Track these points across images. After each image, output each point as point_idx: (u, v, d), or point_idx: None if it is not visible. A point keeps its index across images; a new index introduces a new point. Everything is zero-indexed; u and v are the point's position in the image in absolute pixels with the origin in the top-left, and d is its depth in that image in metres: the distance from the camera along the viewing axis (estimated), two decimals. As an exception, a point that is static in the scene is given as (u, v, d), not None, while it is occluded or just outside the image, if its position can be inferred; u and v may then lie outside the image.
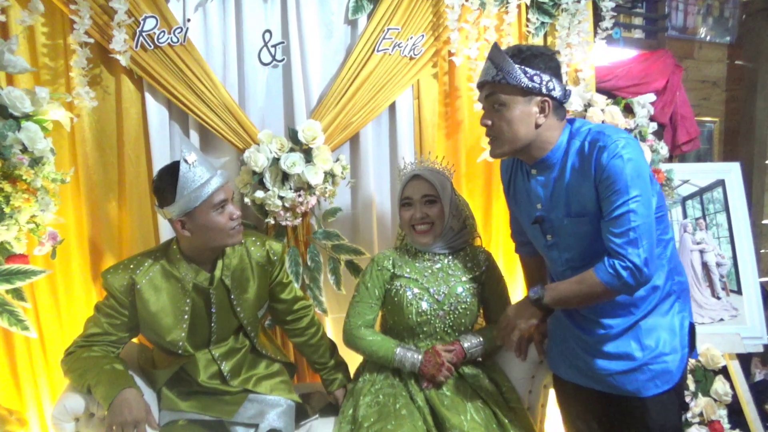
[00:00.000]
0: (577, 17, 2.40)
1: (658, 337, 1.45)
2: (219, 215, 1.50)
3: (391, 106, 2.23)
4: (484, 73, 1.43)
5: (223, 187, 1.52)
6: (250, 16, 2.02)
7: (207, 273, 1.60)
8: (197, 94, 1.94)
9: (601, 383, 1.50)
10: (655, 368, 1.44)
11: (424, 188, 1.73)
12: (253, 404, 1.61)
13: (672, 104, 2.80)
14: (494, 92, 1.41)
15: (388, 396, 1.65)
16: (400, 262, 1.77)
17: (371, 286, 1.75)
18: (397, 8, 2.12)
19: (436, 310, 1.71)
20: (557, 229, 1.47)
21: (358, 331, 1.73)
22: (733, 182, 2.54)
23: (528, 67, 1.37)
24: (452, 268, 1.76)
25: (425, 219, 1.72)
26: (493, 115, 1.44)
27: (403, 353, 1.68)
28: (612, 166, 1.32)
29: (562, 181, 1.43)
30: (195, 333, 1.60)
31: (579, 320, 1.51)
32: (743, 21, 3.20)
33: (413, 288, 1.72)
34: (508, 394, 1.71)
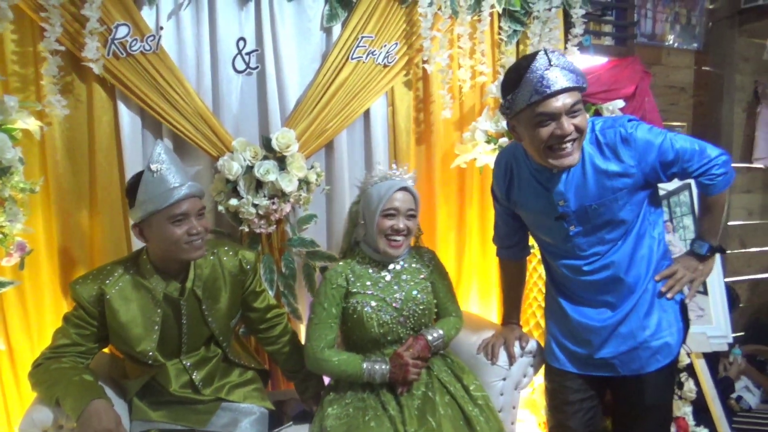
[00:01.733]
0: (548, 25, 2.45)
1: (657, 315, 1.59)
2: (176, 227, 1.48)
3: (366, 113, 2.25)
4: (560, 80, 1.36)
5: (188, 200, 1.50)
6: (224, 24, 2.02)
7: (178, 283, 1.59)
8: (170, 102, 1.93)
9: (604, 368, 1.62)
10: (655, 344, 1.58)
11: (410, 202, 1.72)
12: (226, 413, 1.61)
13: (641, 109, 2.86)
14: (577, 98, 1.41)
15: (357, 409, 1.65)
16: (352, 277, 1.74)
17: (328, 305, 1.71)
18: (371, 16, 2.14)
19: (397, 317, 1.72)
20: (583, 218, 1.54)
21: (322, 354, 1.68)
22: (700, 186, 2.60)
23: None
24: (403, 273, 1.78)
25: (404, 231, 1.70)
26: (573, 119, 1.40)
27: (371, 366, 1.66)
28: (642, 138, 1.47)
29: (584, 173, 1.50)
30: (166, 343, 1.59)
31: (584, 309, 1.63)
32: (710, 28, 3.29)
33: (370, 302, 1.71)
34: (476, 391, 1.74)
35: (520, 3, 2.38)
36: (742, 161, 3.52)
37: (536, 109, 1.38)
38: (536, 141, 1.42)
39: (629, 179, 1.49)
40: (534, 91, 1.36)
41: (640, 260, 1.57)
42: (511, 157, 1.65)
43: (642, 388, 1.60)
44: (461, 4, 2.26)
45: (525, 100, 1.38)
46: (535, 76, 1.35)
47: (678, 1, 3.19)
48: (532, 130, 1.41)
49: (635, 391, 1.61)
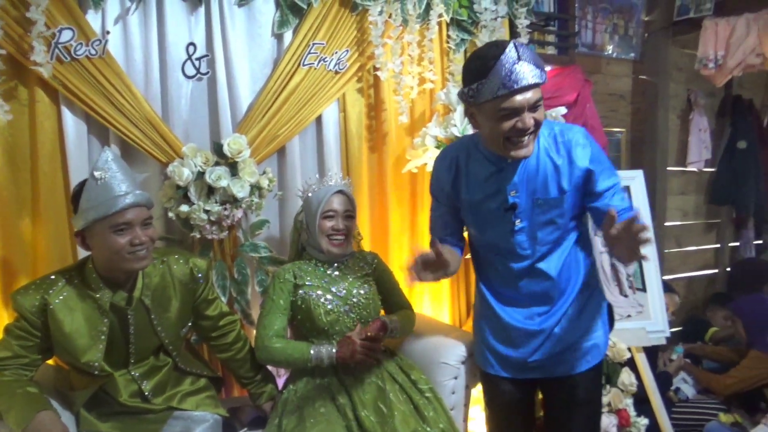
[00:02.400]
0: (495, 34, 2.53)
1: (586, 317, 1.66)
2: (118, 236, 1.45)
3: (318, 119, 2.27)
4: (528, 75, 1.36)
5: (133, 209, 1.47)
6: (173, 29, 2.00)
7: (125, 292, 1.56)
8: (117, 107, 1.90)
9: (537, 370, 1.67)
10: (586, 346, 1.65)
11: (346, 203, 1.88)
12: (179, 421, 1.59)
13: (583, 116, 2.99)
14: (539, 93, 1.43)
15: (308, 399, 1.71)
16: (300, 273, 1.86)
17: (276, 297, 1.82)
18: (322, 24, 2.17)
19: (342, 306, 1.82)
20: (530, 212, 1.57)
21: (270, 341, 1.76)
22: (637, 188, 2.75)
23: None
24: (346, 271, 1.90)
25: (343, 231, 1.85)
26: (533, 113, 1.42)
27: (318, 348, 1.74)
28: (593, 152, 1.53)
29: (536, 167, 1.54)
30: (113, 353, 1.56)
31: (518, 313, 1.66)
32: (646, 39, 3.46)
33: (317, 291, 1.82)
34: (422, 384, 1.81)
35: (467, 13, 2.46)
36: (677, 165, 3.72)
37: (501, 103, 1.38)
38: (496, 132, 1.44)
39: (574, 182, 1.55)
40: (501, 84, 1.35)
41: (574, 264, 1.64)
42: (458, 152, 1.65)
43: (573, 386, 1.66)
44: (411, 13, 2.31)
45: (491, 92, 1.37)
46: (503, 69, 1.34)
47: (616, 13, 3.35)
48: (493, 122, 1.43)
49: (566, 390, 1.67)
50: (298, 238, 1.97)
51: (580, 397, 1.67)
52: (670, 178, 3.63)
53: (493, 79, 1.36)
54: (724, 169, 3.88)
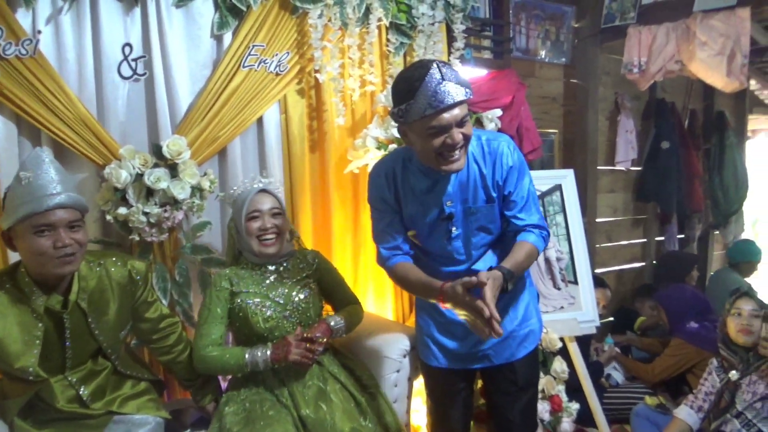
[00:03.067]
0: (432, 38, 2.62)
1: (523, 305, 1.77)
2: (40, 238, 1.42)
3: (259, 121, 2.29)
4: (453, 94, 1.41)
5: (58, 210, 1.43)
6: (108, 29, 1.97)
7: (60, 296, 1.52)
8: (50, 108, 1.86)
9: (480, 360, 1.76)
10: (523, 333, 1.76)
11: (271, 202, 1.85)
12: (119, 425, 1.58)
13: (518, 118, 3.12)
14: (465, 109, 1.47)
15: (254, 402, 1.72)
16: (236, 280, 1.84)
17: (213, 306, 1.80)
18: (262, 26, 2.19)
19: (281, 312, 1.81)
20: (463, 220, 1.64)
21: (205, 351, 1.75)
22: (569, 186, 2.89)
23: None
24: (285, 274, 1.89)
25: (273, 229, 1.82)
26: (461, 129, 1.48)
27: (252, 353, 1.73)
28: (515, 160, 1.61)
29: (466, 176, 1.61)
30: (48, 358, 1.52)
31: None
32: (576, 45, 3.64)
33: (254, 299, 1.81)
34: (367, 380, 1.87)
35: (405, 17, 2.53)
36: (606, 164, 3.93)
37: (429, 122, 1.43)
38: (427, 149, 1.49)
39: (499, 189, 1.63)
40: (428, 105, 1.40)
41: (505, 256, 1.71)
42: (393, 165, 1.68)
43: (513, 372, 1.76)
44: (350, 17, 2.36)
45: (419, 113, 1.42)
46: (428, 90, 1.40)
47: (548, 20, 3.51)
48: (424, 139, 1.48)
49: (508, 376, 1.77)
50: (234, 244, 1.93)
51: (521, 383, 1.77)
52: (600, 176, 3.83)
53: (420, 99, 1.41)
54: (649, 168, 4.12)
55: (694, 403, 2.30)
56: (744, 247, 4.07)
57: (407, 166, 1.66)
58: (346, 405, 1.75)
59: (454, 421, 1.84)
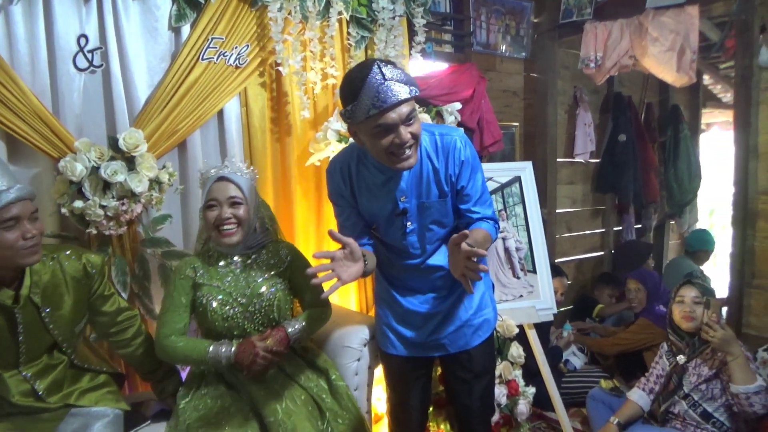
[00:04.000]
0: (393, 32, 2.65)
1: (477, 296, 1.81)
2: (7, 232, 1.43)
3: (220, 113, 2.29)
4: (396, 92, 1.42)
5: (18, 203, 1.44)
6: (62, 20, 1.95)
7: (11, 291, 1.51)
8: (2, 101, 1.82)
9: (436, 348, 1.82)
10: (477, 322, 1.81)
11: (231, 190, 1.75)
12: (76, 418, 1.58)
13: (479, 111, 3.18)
14: (412, 107, 1.48)
15: (214, 398, 1.71)
16: (201, 270, 1.79)
17: (176, 295, 1.76)
18: (221, 18, 2.18)
19: (243, 312, 1.76)
20: (417, 215, 1.68)
21: (167, 340, 1.72)
22: (527, 178, 2.96)
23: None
24: (254, 268, 1.81)
25: (231, 220, 1.73)
26: (409, 127, 1.49)
27: (216, 349, 1.69)
28: (467, 155, 1.63)
29: (420, 172, 1.63)
30: (1, 354, 1.52)
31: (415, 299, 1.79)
32: (535, 39, 3.71)
33: (217, 295, 1.75)
34: (337, 381, 1.84)
35: (366, 11, 2.56)
36: (565, 157, 4.03)
37: (375, 122, 1.44)
38: (377, 148, 1.50)
39: (451, 184, 1.66)
40: (372, 105, 1.41)
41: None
42: (348, 161, 1.69)
43: (469, 360, 1.82)
44: (310, 10, 2.37)
45: (364, 113, 1.43)
46: (371, 90, 1.41)
47: (508, 15, 3.58)
48: (372, 139, 1.48)
49: (464, 364, 1.83)
50: (203, 230, 1.86)
51: (477, 369, 1.83)
52: (560, 168, 3.92)
53: (364, 100, 1.42)
54: (607, 160, 4.24)
55: (645, 386, 2.40)
56: (700, 235, 4.23)
57: (362, 161, 1.67)
58: (304, 409, 1.71)
59: (413, 407, 1.90)
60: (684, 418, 2.21)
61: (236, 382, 1.76)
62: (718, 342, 2.11)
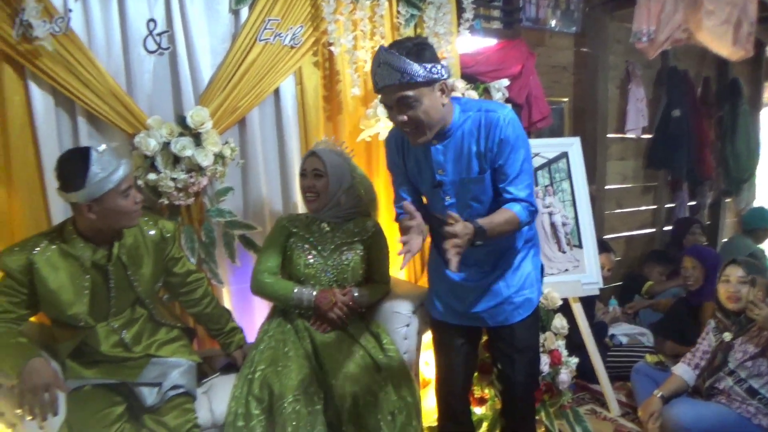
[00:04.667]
0: (442, 10, 2.68)
1: (521, 275, 1.83)
2: (125, 200, 1.66)
3: (276, 91, 2.40)
4: (386, 77, 1.51)
5: (128, 176, 1.67)
6: (133, 6, 2.09)
7: (104, 251, 1.72)
8: (83, 81, 1.99)
9: (476, 320, 1.87)
10: (518, 300, 1.83)
11: (315, 163, 2.03)
12: (156, 366, 1.76)
13: (527, 87, 3.20)
14: (403, 92, 1.54)
15: (278, 341, 1.92)
16: (296, 223, 2.10)
17: (274, 237, 2.09)
18: (277, 0, 2.29)
19: (322, 264, 2.04)
20: (456, 190, 1.72)
21: (260, 275, 2.03)
22: (575, 154, 2.97)
23: (423, 61, 1.52)
24: (340, 232, 2.08)
25: (312, 189, 2.02)
26: (408, 110, 1.56)
27: (300, 290, 1.99)
28: (507, 133, 1.62)
29: (461, 148, 1.67)
30: (95, 306, 1.71)
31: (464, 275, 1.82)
32: (586, 13, 3.65)
33: (304, 244, 2.05)
34: (388, 345, 2.00)
35: (415, -11, 2.60)
36: (617, 132, 3.98)
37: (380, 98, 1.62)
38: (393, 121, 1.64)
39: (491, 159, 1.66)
40: (374, 83, 1.57)
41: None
42: (400, 133, 1.74)
43: (511, 335, 1.85)
44: (361, -10, 2.45)
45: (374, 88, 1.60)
46: (373, 70, 1.55)
47: (558, -11, 3.54)
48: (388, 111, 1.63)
49: (505, 338, 1.87)
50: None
51: (518, 345, 1.86)
52: (610, 144, 3.88)
53: (372, 77, 1.57)
54: (660, 136, 4.15)
55: (691, 361, 2.41)
56: (759, 213, 4.12)
57: None
58: (362, 362, 1.89)
59: (457, 372, 1.96)
60: (729, 393, 2.22)
61: (303, 329, 1.96)
62: (763, 320, 2.11)
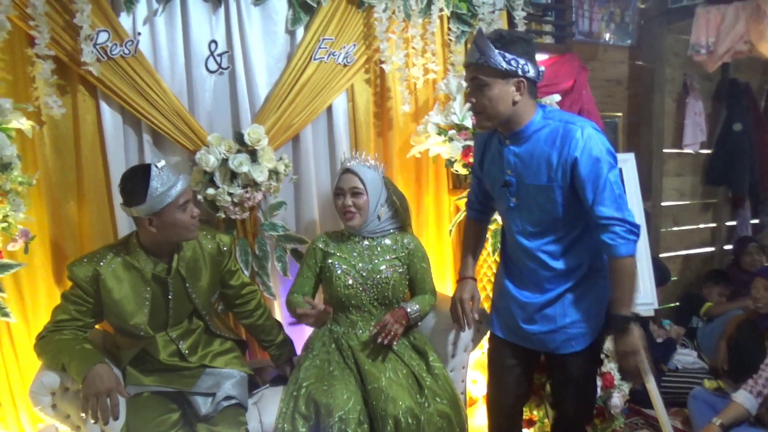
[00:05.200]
0: (493, 26, 2.69)
1: (581, 306, 1.71)
2: (183, 213, 1.72)
3: (328, 108, 2.46)
4: (470, 55, 1.60)
5: (186, 190, 1.73)
6: (196, 28, 2.20)
7: (165, 264, 1.79)
8: (149, 101, 2.11)
9: (530, 341, 1.79)
10: (571, 332, 1.73)
11: (352, 181, 2.00)
12: (210, 376, 1.83)
13: (579, 102, 3.15)
14: (477, 74, 1.58)
15: (323, 361, 1.93)
16: (332, 243, 2.07)
17: (308, 260, 2.08)
18: (331, 20, 2.35)
19: (362, 284, 2.00)
20: (521, 193, 1.69)
21: (291, 296, 2.05)
22: (629, 170, 2.89)
23: (507, 52, 1.54)
24: (378, 249, 2.05)
25: (351, 207, 1.99)
26: (477, 93, 1.60)
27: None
28: (584, 147, 1.55)
29: (533, 153, 1.63)
30: (155, 317, 1.79)
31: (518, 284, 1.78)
32: (642, 26, 3.58)
33: (342, 265, 2.01)
34: (434, 362, 1.96)
35: (466, 6, 2.62)
36: (673, 147, 3.86)
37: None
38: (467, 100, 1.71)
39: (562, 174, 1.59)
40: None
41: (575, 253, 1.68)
42: (489, 134, 1.79)
43: (563, 365, 1.78)
44: (413, 8, 2.48)
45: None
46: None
47: (612, 2, 3.48)
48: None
49: (558, 366, 1.82)
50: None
51: (570, 376, 1.78)
52: (667, 159, 3.76)
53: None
54: (720, 150, 3.99)
55: (753, 389, 2.30)
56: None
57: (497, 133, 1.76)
58: (405, 382, 1.85)
59: (505, 393, 1.89)
60: (795, 423, 2.11)
61: (347, 348, 1.95)
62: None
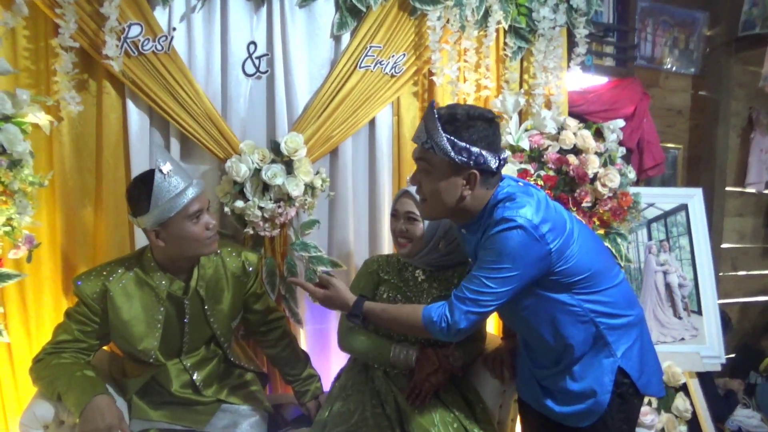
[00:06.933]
0: (552, 43, 2.49)
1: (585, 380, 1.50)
2: (194, 225, 1.49)
3: (371, 122, 2.27)
4: (418, 133, 1.39)
5: (199, 197, 1.50)
6: (236, 27, 2.03)
7: (182, 282, 1.59)
8: (179, 102, 1.94)
9: (542, 406, 1.59)
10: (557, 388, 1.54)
11: (409, 206, 1.75)
12: (226, 414, 1.61)
13: (639, 130, 2.92)
14: (423, 157, 1.39)
15: (357, 403, 1.68)
16: (387, 268, 1.84)
17: (362, 286, 1.81)
18: (380, 27, 2.17)
19: None
20: None
21: (350, 331, 1.76)
22: (696, 207, 2.66)
23: (458, 139, 1.33)
24: (436, 283, 1.80)
25: (405, 234, 1.75)
26: (422, 177, 1.41)
27: (399, 351, 1.71)
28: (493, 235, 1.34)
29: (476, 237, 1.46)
30: (167, 342, 1.58)
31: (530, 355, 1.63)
32: (707, 54, 3.35)
33: (396, 294, 1.78)
34: (481, 414, 1.75)
35: (525, 21, 2.43)
36: (735, 186, 3.58)
37: None
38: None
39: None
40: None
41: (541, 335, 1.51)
42: None
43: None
44: (469, 19, 2.30)
45: None
46: None
47: (677, 27, 3.26)
48: None
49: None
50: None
51: None
52: (727, 198, 3.49)
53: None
54: (786, 192, 3.71)
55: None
56: None
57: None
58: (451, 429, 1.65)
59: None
60: None
61: (385, 388, 1.71)
62: None
